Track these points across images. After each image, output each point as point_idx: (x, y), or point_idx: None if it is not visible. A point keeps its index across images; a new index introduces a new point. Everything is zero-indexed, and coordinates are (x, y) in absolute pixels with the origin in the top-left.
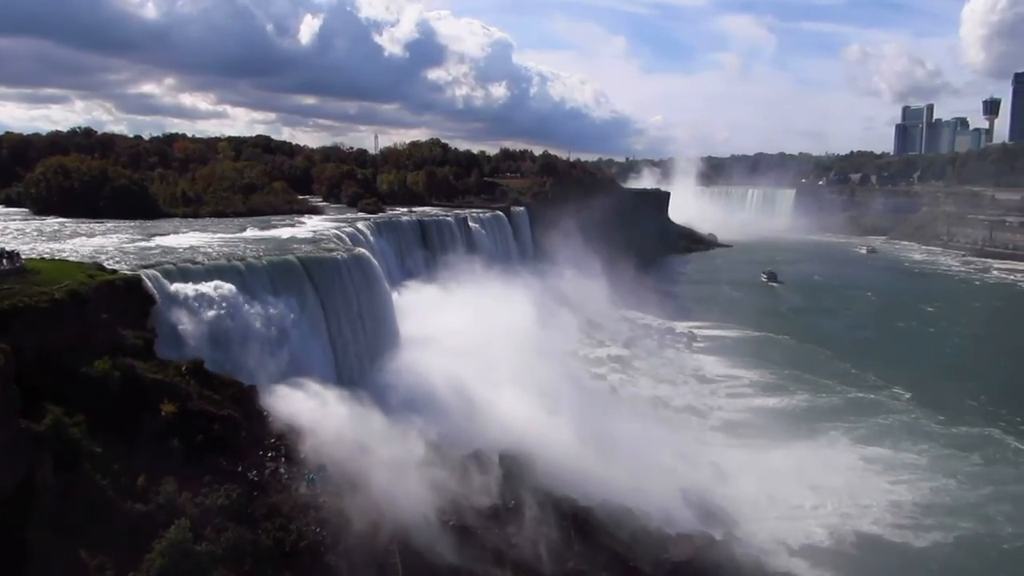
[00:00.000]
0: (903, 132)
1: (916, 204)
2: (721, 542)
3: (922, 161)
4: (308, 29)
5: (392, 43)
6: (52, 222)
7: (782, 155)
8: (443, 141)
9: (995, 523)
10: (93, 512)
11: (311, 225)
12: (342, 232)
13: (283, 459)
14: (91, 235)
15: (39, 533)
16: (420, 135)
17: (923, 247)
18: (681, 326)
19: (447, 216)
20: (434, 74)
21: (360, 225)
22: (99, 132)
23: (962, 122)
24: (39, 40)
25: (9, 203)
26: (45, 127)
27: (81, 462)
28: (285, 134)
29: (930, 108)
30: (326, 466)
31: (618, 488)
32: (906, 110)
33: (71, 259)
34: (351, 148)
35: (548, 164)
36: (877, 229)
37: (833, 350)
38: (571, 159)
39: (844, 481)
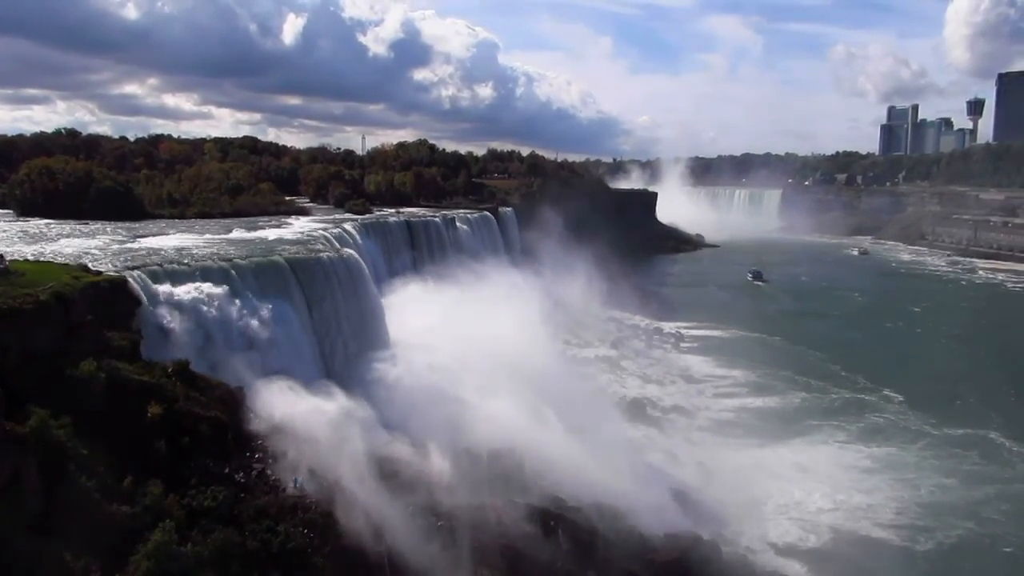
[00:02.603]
0: (888, 132)
1: (902, 204)
2: (709, 541)
3: (907, 161)
4: (292, 29)
5: (377, 43)
6: (37, 224)
7: (769, 155)
8: (430, 142)
9: (996, 523)
10: (78, 514)
11: (298, 226)
12: (329, 233)
13: (270, 460)
14: (76, 236)
15: (24, 535)
16: (407, 136)
17: (909, 247)
18: (669, 326)
19: (435, 217)
20: (420, 74)
21: (347, 226)
22: (83, 133)
23: (947, 122)
24: (18, 39)
25: None
26: (27, 128)
27: (66, 464)
28: (271, 135)
29: (915, 108)
30: (313, 468)
31: (606, 488)
32: (891, 110)
33: (56, 261)
34: (338, 149)
35: (536, 165)
36: (863, 229)
37: (821, 350)
38: (558, 160)
39: (833, 481)
